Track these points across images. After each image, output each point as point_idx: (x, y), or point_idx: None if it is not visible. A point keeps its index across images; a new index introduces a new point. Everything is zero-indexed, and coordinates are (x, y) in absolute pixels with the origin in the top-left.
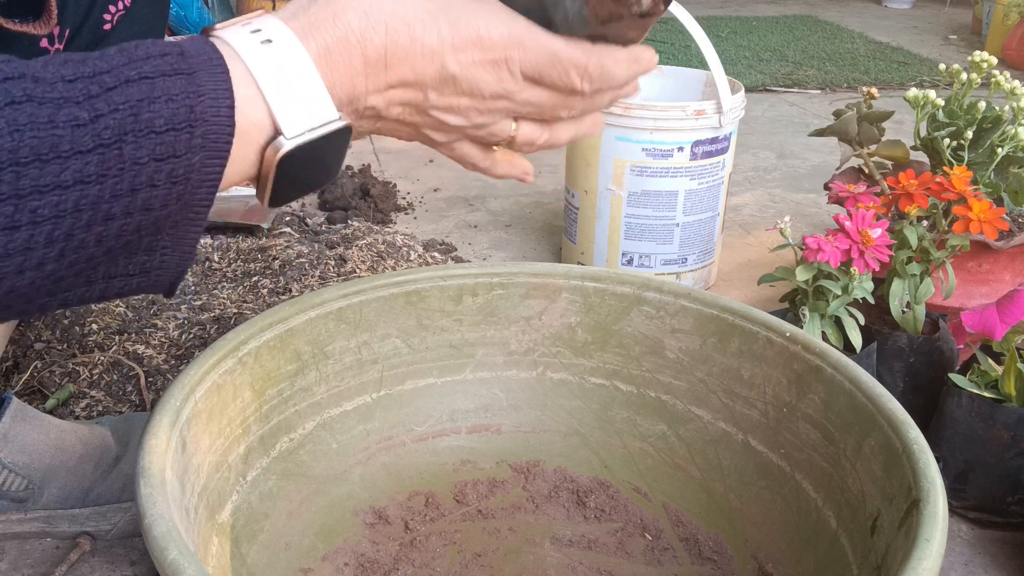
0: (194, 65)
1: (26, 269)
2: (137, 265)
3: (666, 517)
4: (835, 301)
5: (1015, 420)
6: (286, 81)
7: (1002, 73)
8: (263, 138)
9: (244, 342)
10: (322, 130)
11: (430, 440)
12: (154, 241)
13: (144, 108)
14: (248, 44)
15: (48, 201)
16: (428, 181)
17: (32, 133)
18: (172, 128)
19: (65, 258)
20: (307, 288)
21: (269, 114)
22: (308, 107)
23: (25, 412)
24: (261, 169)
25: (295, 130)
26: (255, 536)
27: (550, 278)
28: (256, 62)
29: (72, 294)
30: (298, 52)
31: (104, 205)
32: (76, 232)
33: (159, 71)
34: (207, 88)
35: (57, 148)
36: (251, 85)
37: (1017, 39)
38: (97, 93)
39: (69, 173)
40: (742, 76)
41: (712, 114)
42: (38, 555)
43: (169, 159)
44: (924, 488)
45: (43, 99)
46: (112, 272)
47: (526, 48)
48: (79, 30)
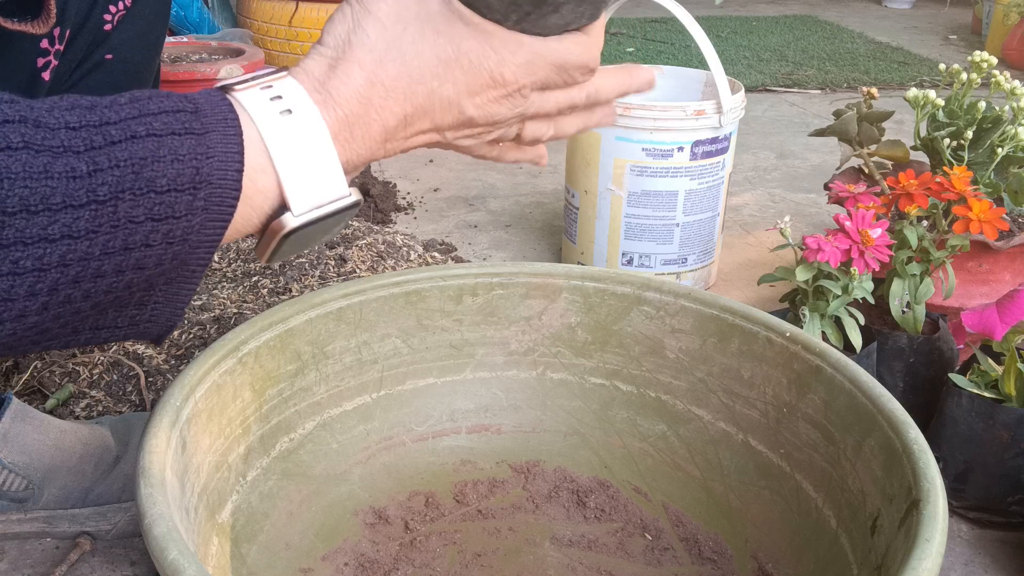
0: (207, 125)
1: (5, 319)
2: (126, 319)
3: (666, 517)
4: (835, 301)
5: (1015, 420)
6: (301, 156)
7: (1002, 73)
8: (269, 207)
9: (244, 342)
10: (330, 207)
11: (430, 440)
12: (145, 297)
13: (147, 166)
14: (266, 112)
15: (31, 253)
16: (428, 181)
17: (23, 184)
18: (174, 188)
19: (49, 311)
20: (307, 288)
21: (278, 185)
22: (320, 184)
23: (25, 412)
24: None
25: (303, 207)
26: (255, 536)
27: (550, 278)
28: (272, 133)
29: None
30: (316, 127)
31: (94, 262)
32: (61, 286)
33: (169, 129)
34: (217, 150)
35: (48, 200)
36: (263, 155)
37: (1017, 39)
38: (100, 145)
39: (57, 227)
40: (742, 76)
41: (712, 114)
42: (38, 555)
43: (167, 219)
44: (924, 488)
45: (41, 147)
46: (99, 324)
47: (535, 72)
48: (80, 30)
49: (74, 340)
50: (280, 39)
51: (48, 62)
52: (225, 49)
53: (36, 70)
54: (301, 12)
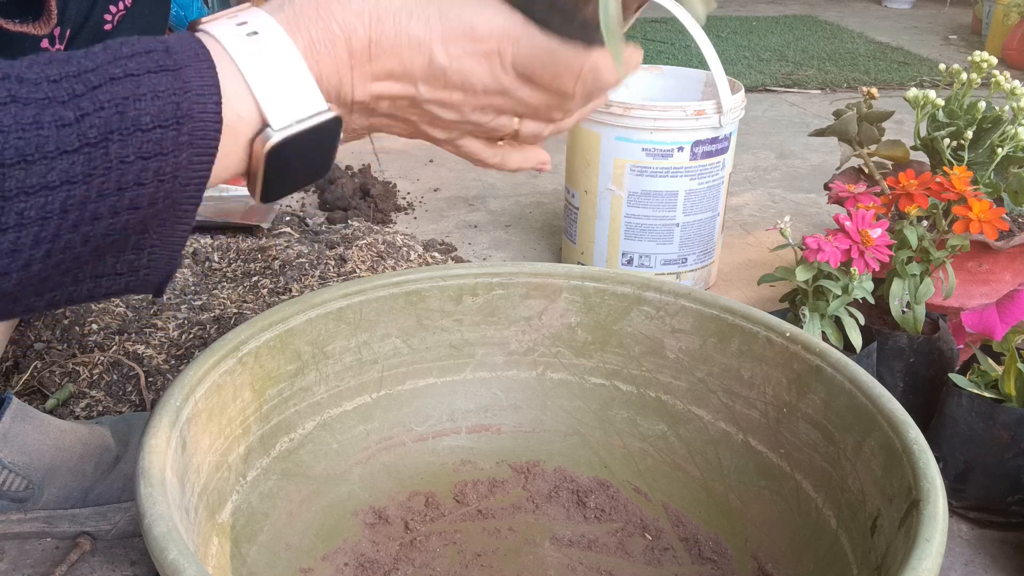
0: (180, 61)
1: (12, 271)
2: (125, 264)
3: (666, 517)
4: (835, 301)
5: (1015, 420)
6: (273, 73)
7: (1002, 73)
8: (251, 131)
9: (244, 342)
10: (311, 121)
11: (430, 440)
12: (142, 240)
13: (130, 106)
14: (234, 37)
15: (35, 203)
16: (428, 181)
17: (17, 134)
18: (159, 125)
19: (52, 258)
20: (307, 288)
21: (256, 107)
22: (296, 98)
23: (25, 412)
24: (251, 164)
25: (283, 122)
26: (255, 536)
27: (550, 278)
28: (242, 55)
29: (59, 294)
30: (284, 43)
31: (91, 205)
32: (63, 232)
33: (144, 68)
34: (193, 84)
35: (43, 149)
36: (238, 79)
37: (1017, 39)
38: (82, 92)
39: (55, 174)
40: (742, 76)
41: (712, 114)
42: (38, 555)
43: (156, 157)
44: (924, 488)
45: (28, 100)
46: (100, 271)
47: (519, 43)
48: (80, 30)
49: (76, 291)
50: None
51: None
52: None
53: None
54: None
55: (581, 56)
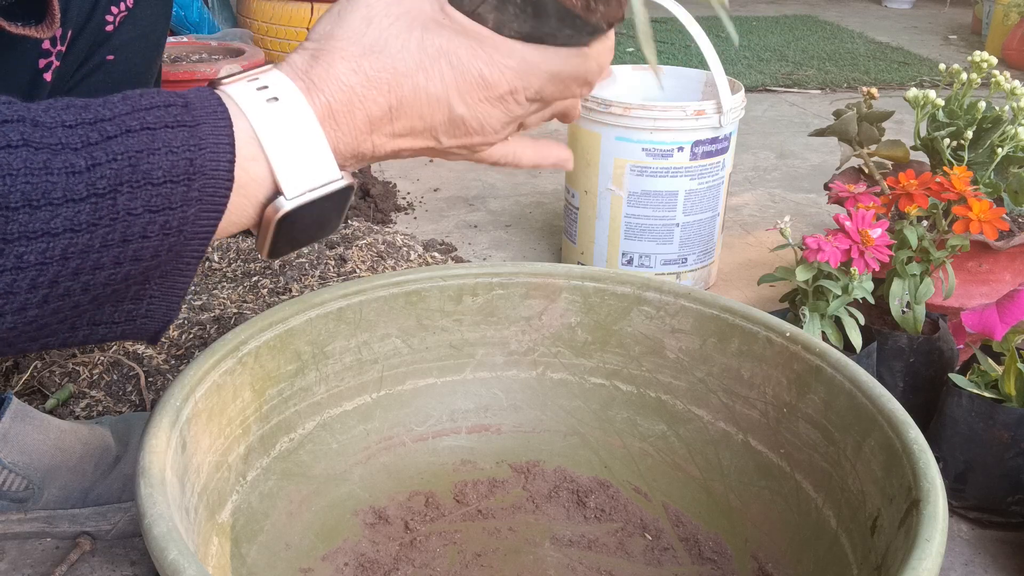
0: (197, 117)
1: (7, 313)
2: (123, 313)
3: (666, 517)
4: (835, 301)
5: (1015, 420)
6: (290, 140)
7: (1002, 73)
8: (263, 195)
9: (244, 342)
10: (323, 190)
11: (430, 440)
12: (142, 290)
13: (143, 159)
14: (254, 101)
15: (35, 247)
16: (428, 181)
17: (25, 179)
18: (170, 180)
19: (49, 304)
20: (307, 288)
21: (270, 172)
22: (310, 168)
23: (25, 412)
24: (260, 225)
25: (296, 191)
26: (255, 536)
27: (550, 278)
28: (260, 120)
29: (53, 339)
30: (303, 111)
31: (93, 254)
32: (62, 279)
33: (162, 122)
34: (208, 141)
35: (49, 195)
36: (254, 143)
37: (1017, 39)
38: (96, 141)
39: (59, 220)
40: (742, 76)
41: (712, 114)
42: (38, 555)
43: (164, 211)
44: (924, 488)
45: (40, 144)
46: (97, 319)
47: (528, 79)
48: (81, 32)
49: (72, 337)
50: (280, 39)
51: (50, 63)
52: (225, 49)
53: (38, 71)
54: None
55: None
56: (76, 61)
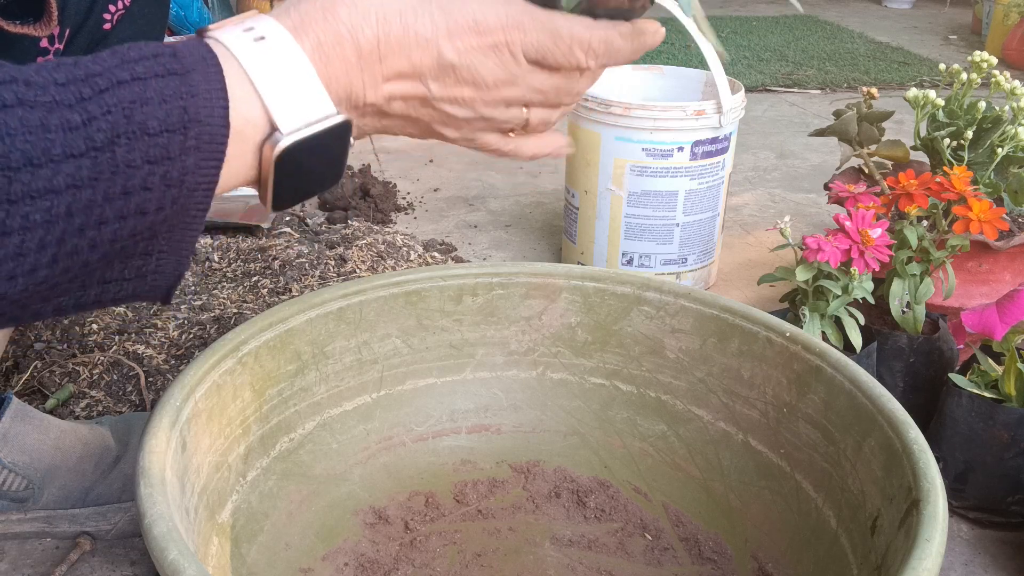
0: (187, 65)
1: (18, 275)
2: (133, 270)
3: (666, 517)
4: (835, 301)
5: (1015, 420)
6: (281, 77)
7: (1002, 73)
8: (260, 136)
9: (244, 342)
10: (320, 125)
11: (430, 440)
12: (150, 245)
13: (137, 110)
14: (242, 42)
15: (40, 206)
16: (428, 181)
17: (23, 138)
18: (166, 130)
19: (59, 263)
20: (307, 288)
21: (265, 111)
22: (304, 102)
23: (25, 412)
24: (260, 170)
25: (292, 126)
26: (255, 536)
27: (550, 278)
28: (250, 60)
29: (66, 300)
30: (292, 48)
31: (97, 209)
32: (69, 237)
33: (152, 72)
34: (200, 88)
35: (49, 152)
36: (246, 83)
37: (1017, 39)
38: (89, 96)
39: (61, 178)
40: (742, 76)
41: (712, 114)
42: (38, 555)
43: (163, 161)
44: (924, 488)
45: (34, 103)
46: (107, 277)
47: (526, 29)
48: (79, 30)
49: (83, 296)
50: None
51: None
52: None
53: None
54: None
55: (589, 28)
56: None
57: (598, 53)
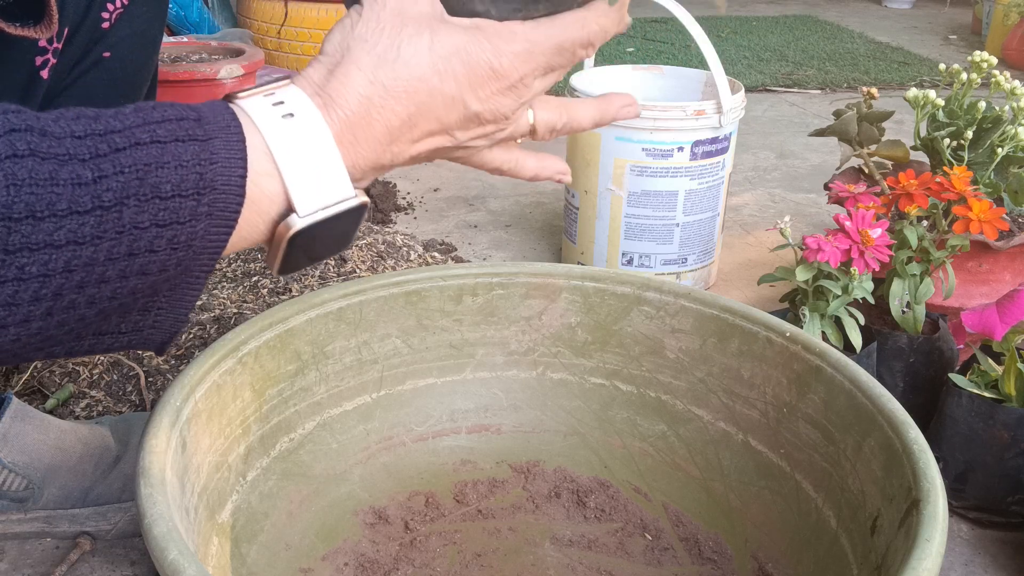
0: (209, 132)
1: (10, 324)
2: (130, 324)
3: (666, 517)
4: (835, 301)
5: (1015, 420)
6: (304, 160)
7: (1002, 73)
8: (275, 211)
9: (244, 342)
10: (337, 208)
11: (430, 440)
12: (149, 302)
13: (151, 172)
14: (269, 117)
15: (37, 259)
16: (428, 181)
17: (29, 190)
18: (179, 194)
19: (53, 317)
20: (307, 288)
21: (283, 189)
22: (324, 186)
23: (25, 412)
24: (272, 241)
25: (309, 208)
26: (255, 536)
27: (550, 278)
28: (275, 137)
29: (59, 348)
30: (319, 129)
31: (98, 268)
32: (66, 292)
33: (173, 136)
34: (220, 156)
35: (53, 206)
36: (267, 159)
37: (1017, 39)
38: (105, 152)
39: (63, 233)
40: (742, 76)
41: (712, 114)
42: (38, 555)
43: (172, 225)
44: (924, 488)
45: (47, 155)
46: (103, 330)
47: (536, 60)
48: (78, 29)
49: (78, 347)
50: (280, 39)
51: (47, 60)
52: (225, 49)
53: (35, 69)
54: (298, 12)
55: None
56: (72, 58)
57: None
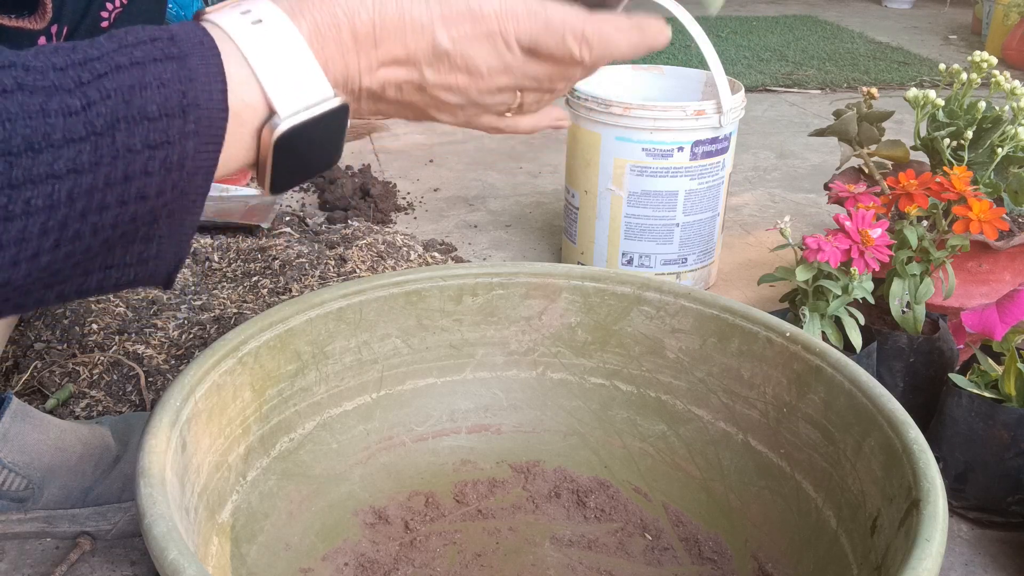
0: (185, 49)
1: (21, 260)
2: (134, 255)
3: (666, 517)
4: (835, 301)
5: (1015, 420)
6: (279, 60)
7: (1002, 73)
8: (258, 120)
9: (244, 342)
10: (318, 108)
11: (430, 440)
12: (150, 230)
13: (136, 94)
14: (239, 25)
15: (42, 191)
16: (428, 181)
17: (23, 123)
18: (165, 114)
19: (61, 248)
20: (307, 288)
21: (263, 95)
22: (302, 86)
23: (25, 412)
24: (259, 153)
25: (290, 109)
26: (255, 536)
27: (550, 278)
28: (247, 43)
29: (69, 286)
30: (289, 31)
31: (98, 194)
32: (70, 222)
33: (150, 56)
34: (199, 72)
35: (49, 137)
36: (243, 66)
37: (1017, 39)
38: (88, 80)
39: (62, 162)
40: (742, 76)
41: (712, 114)
42: (38, 555)
43: (163, 145)
44: (924, 488)
45: (34, 88)
46: (109, 262)
47: (519, 18)
48: (77, 27)
49: (86, 282)
50: None
51: None
52: None
53: None
54: None
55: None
56: None
57: (592, 45)
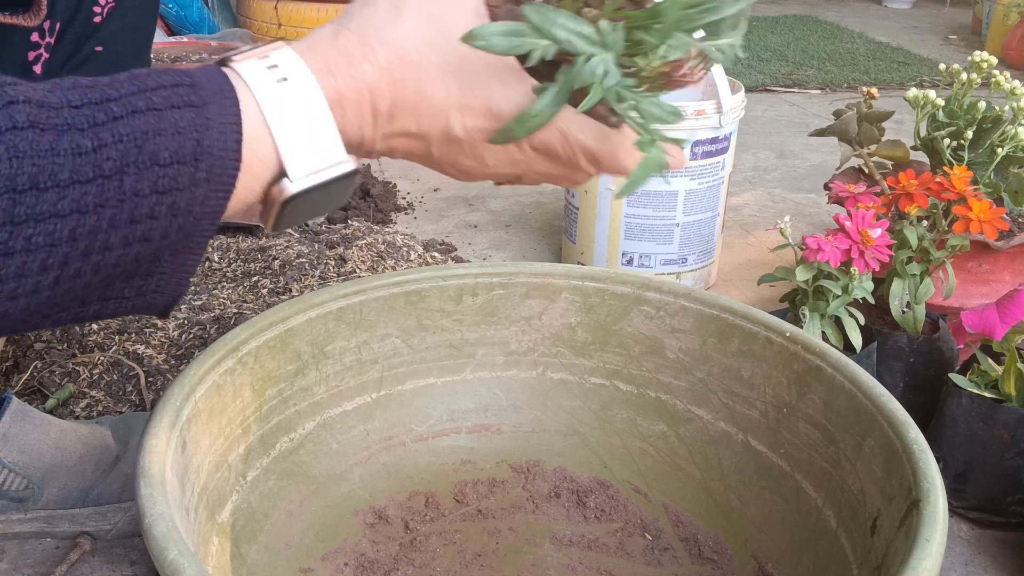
0: (205, 97)
1: (20, 295)
2: (133, 289)
3: (666, 517)
4: (835, 301)
5: (1015, 420)
6: (298, 124)
7: (1002, 73)
8: (269, 175)
9: (244, 342)
10: (329, 173)
11: (430, 440)
12: (152, 268)
13: (149, 140)
14: (264, 82)
15: (43, 229)
16: (428, 181)
17: (31, 161)
18: (177, 161)
19: (60, 285)
20: (307, 288)
21: (276, 154)
22: (317, 150)
23: (25, 412)
24: (265, 203)
25: (301, 173)
26: (255, 536)
27: (550, 278)
28: (269, 102)
29: (65, 315)
30: (313, 95)
31: (101, 235)
32: (72, 260)
33: (168, 102)
34: (216, 121)
35: (56, 177)
36: (261, 125)
37: (1017, 39)
38: (103, 121)
39: (66, 202)
40: (742, 76)
41: (712, 114)
42: (38, 555)
43: (171, 192)
44: (924, 488)
45: (46, 126)
46: (107, 295)
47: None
48: (70, 23)
49: (82, 312)
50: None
51: (39, 55)
52: (225, 49)
53: (27, 63)
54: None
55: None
56: (65, 53)
57: (601, 164)
